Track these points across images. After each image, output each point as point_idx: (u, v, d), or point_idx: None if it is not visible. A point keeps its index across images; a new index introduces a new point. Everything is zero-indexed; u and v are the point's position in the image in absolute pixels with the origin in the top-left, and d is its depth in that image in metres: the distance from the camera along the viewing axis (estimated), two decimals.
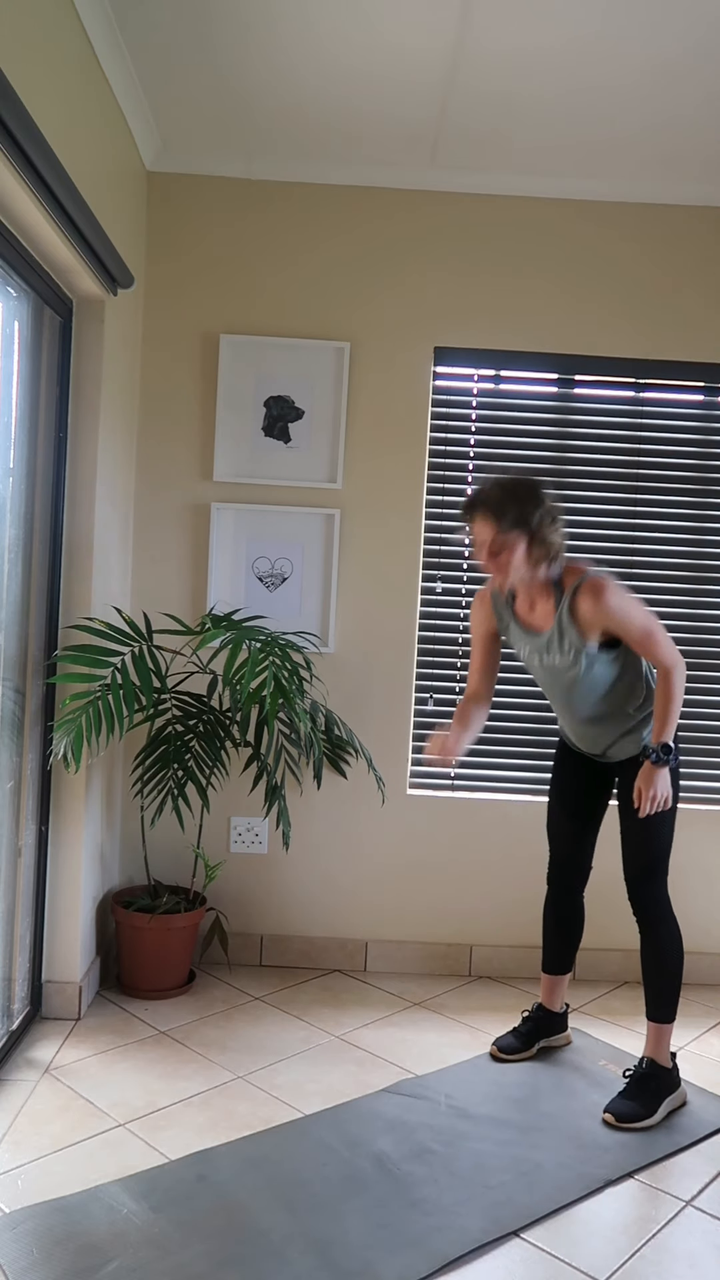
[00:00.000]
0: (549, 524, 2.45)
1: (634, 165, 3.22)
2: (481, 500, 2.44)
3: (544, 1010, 2.93)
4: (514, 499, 2.42)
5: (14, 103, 1.91)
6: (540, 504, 2.44)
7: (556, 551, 2.49)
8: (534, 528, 2.42)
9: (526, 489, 2.45)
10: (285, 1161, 2.32)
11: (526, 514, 2.41)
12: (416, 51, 2.64)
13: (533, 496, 2.44)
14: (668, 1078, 2.61)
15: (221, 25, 2.58)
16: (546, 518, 2.44)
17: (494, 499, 2.42)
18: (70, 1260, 1.96)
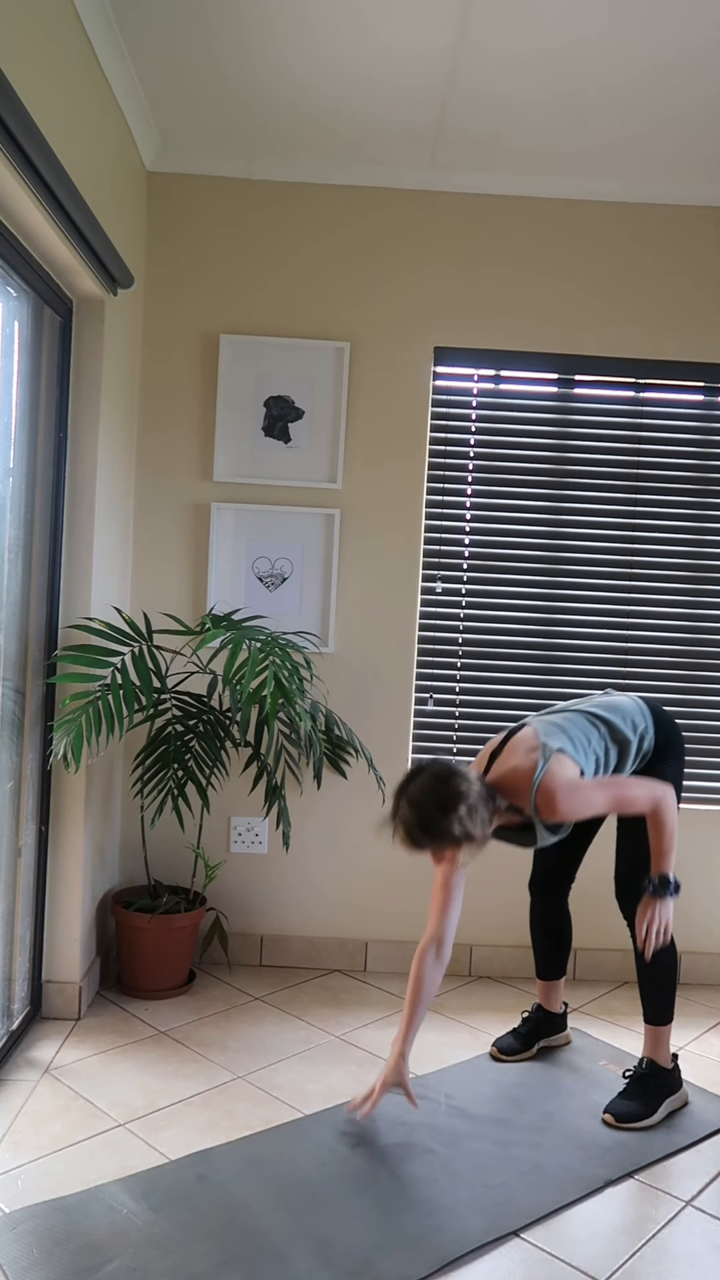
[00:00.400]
0: (473, 820, 2.27)
1: (634, 165, 3.22)
2: (399, 833, 2.28)
3: (543, 1011, 2.93)
4: (425, 826, 2.24)
5: (14, 103, 1.91)
6: (452, 812, 2.24)
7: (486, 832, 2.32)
8: (459, 838, 2.26)
9: (436, 804, 2.25)
10: (285, 1161, 2.32)
11: (444, 833, 2.25)
12: (416, 51, 2.64)
13: (445, 811, 2.24)
14: (668, 1078, 2.61)
15: (222, 26, 2.58)
16: (465, 819, 2.25)
17: (408, 832, 2.26)
18: (70, 1260, 1.96)
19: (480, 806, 2.30)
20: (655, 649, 3.51)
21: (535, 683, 3.51)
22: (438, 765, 2.33)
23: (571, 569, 3.49)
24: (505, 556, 3.48)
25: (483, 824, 2.31)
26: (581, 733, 2.52)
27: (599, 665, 3.51)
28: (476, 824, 2.29)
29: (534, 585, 3.49)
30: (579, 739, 2.51)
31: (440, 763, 2.34)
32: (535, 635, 3.50)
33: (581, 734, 2.52)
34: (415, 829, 2.26)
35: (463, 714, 3.51)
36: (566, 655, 3.51)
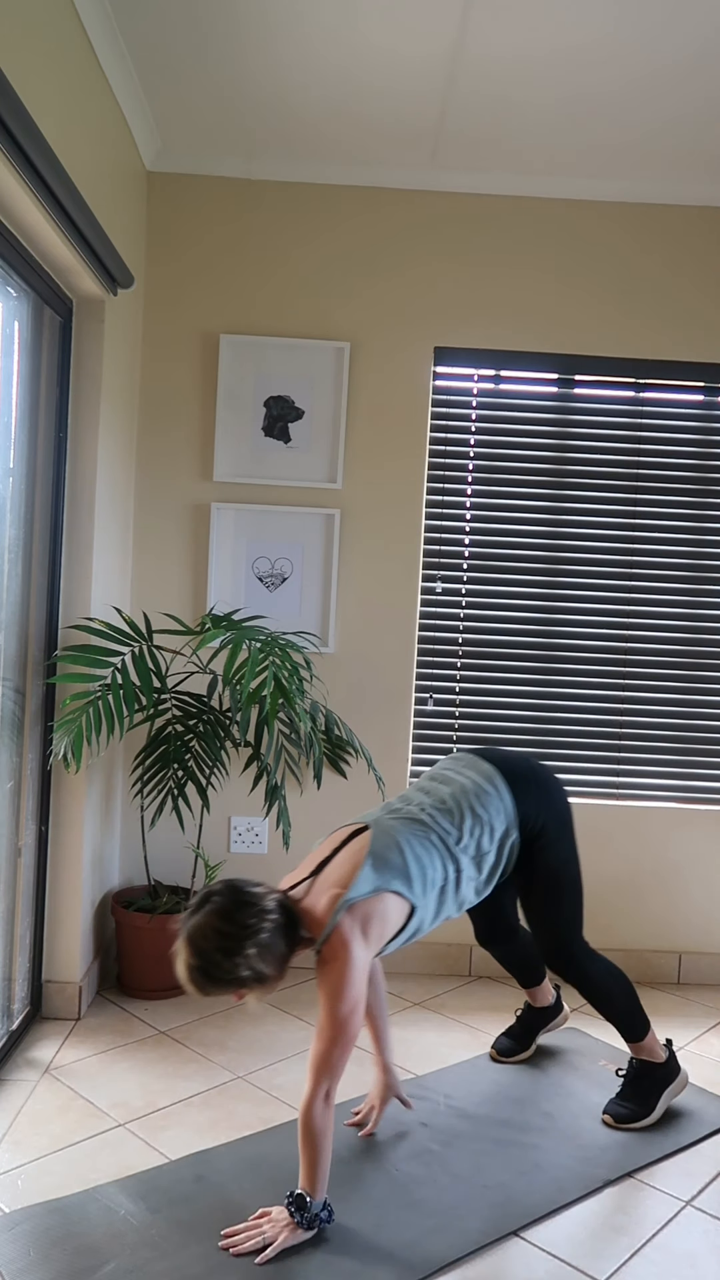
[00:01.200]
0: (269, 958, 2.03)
1: (634, 166, 3.22)
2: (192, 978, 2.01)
3: (532, 1009, 2.91)
4: (208, 973, 2.00)
5: (14, 103, 1.91)
6: (236, 954, 1.99)
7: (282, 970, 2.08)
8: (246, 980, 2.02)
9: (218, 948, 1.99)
10: (284, 1162, 2.32)
11: (227, 977, 2.01)
12: (416, 51, 2.64)
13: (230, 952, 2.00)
14: (661, 1071, 2.58)
15: (222, 26, 2.58)
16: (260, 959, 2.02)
17: (191, 979, 2.01)
18: (68, 1261, 1.95)
19: (276, 941, 2.04)
20: (655, 649, 3.51)
21: (535, 683, 3.51)
22: (225, 896, 2.05)
23: (571, 569, 3.49)
24: (505, 556, 3.48)
25: (278, 961, 2.06)
26: (419, 862, 2.20)
27: (599, 665, 3.51)
28: (269, 963, 2.03)
29: (534, 585, 3.49)
30: (414, 866, 2.19)
31: (229, 892, 2.06)
32: (535, 635, 3.50)
33: (419, 863, 2.20)
34: (195, 974, 2.00)
35: (463, 714, 3.51)
36: (566, 655, 3.50)
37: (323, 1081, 2.02)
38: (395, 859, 2.17)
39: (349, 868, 2.15)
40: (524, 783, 2.42)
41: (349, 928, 2.08)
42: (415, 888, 2.19)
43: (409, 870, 2.18)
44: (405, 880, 2.17)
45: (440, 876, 2.25)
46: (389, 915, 2.15)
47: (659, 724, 3.52)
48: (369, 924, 2.11)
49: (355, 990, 2.05)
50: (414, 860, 2.20)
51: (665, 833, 3.49)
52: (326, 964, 2.07)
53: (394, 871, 2.16)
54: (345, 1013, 2.03)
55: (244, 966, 2.00)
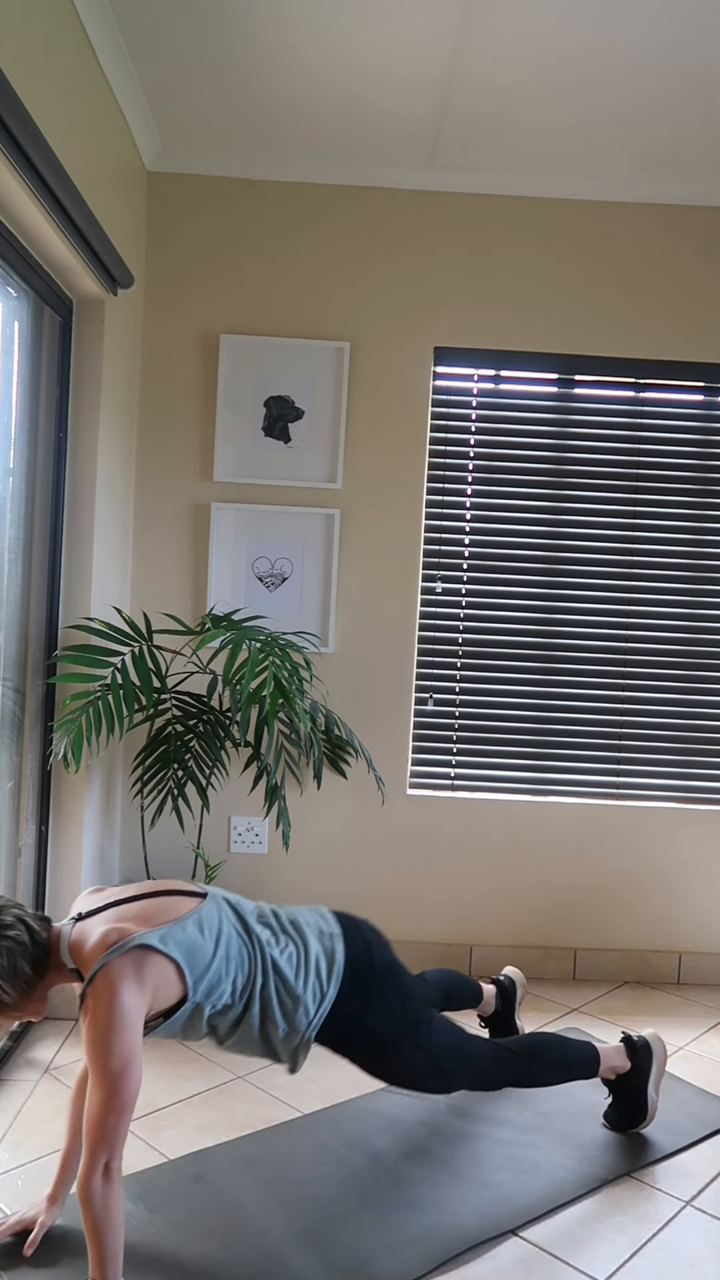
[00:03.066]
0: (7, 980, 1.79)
1: (635, 165, 3.22)
2: None
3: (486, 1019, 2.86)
4: None
5: (14, 103, 1.91)
6: None
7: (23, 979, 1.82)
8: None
9: None
10: (283, 1161, 2.32)
11: None
12: (416, 51, 2.64)
13: None
14: (635, 1075, 2.47)
15: (222, 25, 2.58)
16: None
17: None
18: (67, 1261, 1.95)
19: (17, 961, 1.80)
20: (655, 649, 3.51)
21: (535, 683, 3.51)
22: None
23: (571, 569, 3.49)
24: (505, 556, 3.48)
25: (20, 983, 1.80)
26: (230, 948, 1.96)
27: (599, 665, 3.51)
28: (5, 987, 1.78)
29: (534, 585, 3.49)
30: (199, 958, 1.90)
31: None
32: (535, 635, 3.50)
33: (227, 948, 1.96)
34: None
35: (463, 714, 3.51)
36: (566, 655, 3.51)
37: (100, 1155, 1.72)
38: (205, 944, 1.92)
39: (159, 911, 1.90)
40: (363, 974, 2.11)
41: (121, 970, 1.78)
42: (198, 983, 1.90)
43: (211, 962, 1.92)
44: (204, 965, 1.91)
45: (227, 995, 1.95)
46: (165, 980, 1.85)
47: (659, 724, 3.52)
48: (145, 974, 1.81)
49: (125, 1042, 1.75)
50: (220, 950, 1.94)
51: (665, 833, 3.49)
52: (92, 1008, 1.77)
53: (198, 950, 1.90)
54: (115, 1070, 1.74)
55: None
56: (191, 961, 1.89)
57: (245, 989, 1.97)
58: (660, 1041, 2.50)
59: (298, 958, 2.04)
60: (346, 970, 2.08)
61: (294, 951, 2.05)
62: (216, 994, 1.93)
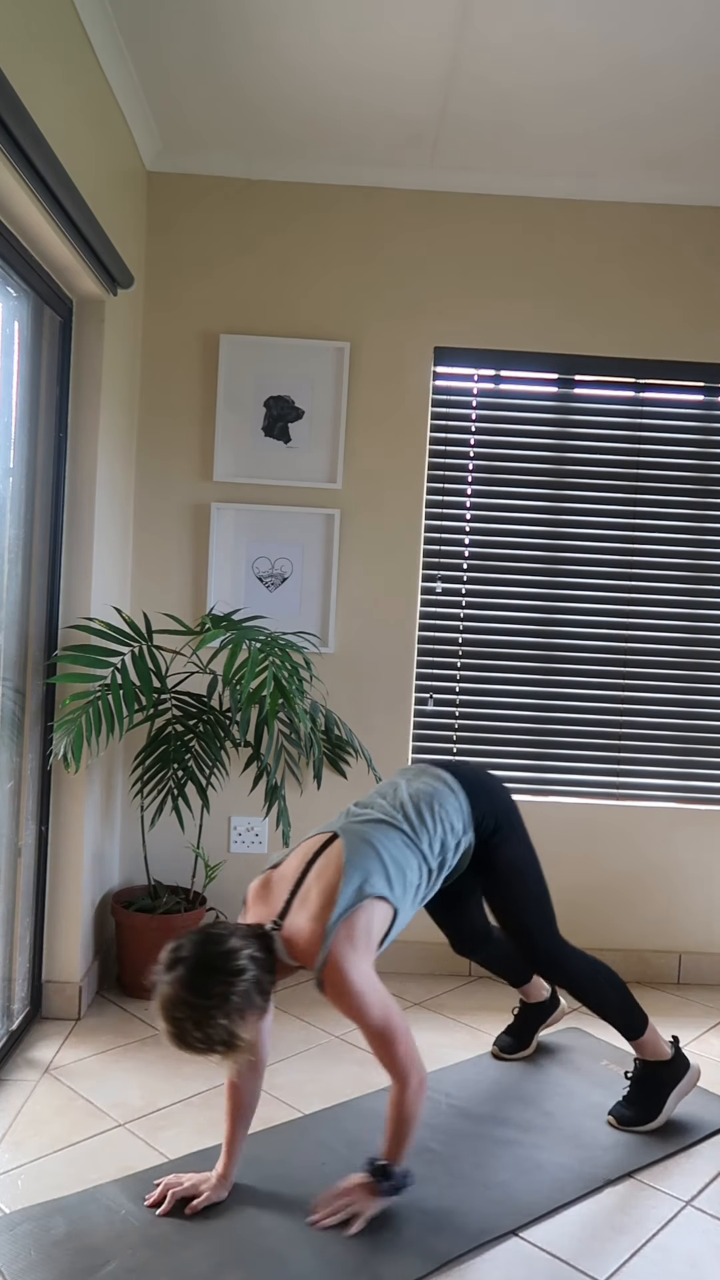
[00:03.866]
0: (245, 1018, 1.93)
1: (634, 165, 3.22)
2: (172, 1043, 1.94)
3: (527, 1005, 2.91)
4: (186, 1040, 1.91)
5: (14, 103, 1.91)
6: (212, 1024, 1.89)
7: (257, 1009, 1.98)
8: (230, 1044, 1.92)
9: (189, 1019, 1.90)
10: (284, 1161, 2.32)
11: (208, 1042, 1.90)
12: (416, 51, 2.64)
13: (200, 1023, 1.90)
14: (667, 1071, 2.56)
15: (222, 25, 2.58)
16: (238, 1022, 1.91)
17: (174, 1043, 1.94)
18: (69, 1261, 1.95)
19: (252, 997, 1.94)
20: (655, 649, 3.51)
21: (535, 683, 3.51)
22: (193, 961, 1.94)
23: (571, 569, 3.49)
24: (505, 556, 3.48)
25: (256, 1013, 1.96)
26: (398, 863, 2.18)
27: (599, 665, 3.51)
28: (244, 1024, 1.92)
29: (534, 585, 3.49)
30: (394, 874, 2.16)
31: (197, 956, 1.94)
32: (535, 635, 3.50)
33: (398, 865, 2.18)
34: (174, 1040, 1.92)
35: (463, 714, 3.51)
36: (566, 655, 3.50)
37: (411, 1076, 2.07)
38: (374, 864, 2.14)
39: (329, 882, 2.10)
40: (474, 785, 2.42)
41: (341, 952, 2.03)
42: (396, 890, 2.16)
43: (389, 873, 2.15)
44: (386, 883, 2.14)
45: (415, 876, 2.23)
46: (374, 922, 2.10)
47: (659, 724, 3.52)
48: (357, 938, 2.05)
49: (375, 1000, 2.04)
50: (392, 862, 2.17)
51: (665, 833, 3.49)
52: (333, 992, 2.03)
53: (374, 876, 2.12)
54: (382, 1023, 2.05)
55: (216, 1035, 1.89)
56: (383, 886, 2.13)
57: (419, 861, 2.25)
58: (699, 1069, 2.62)
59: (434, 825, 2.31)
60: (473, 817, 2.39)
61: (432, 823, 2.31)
62: (410, 885, 2.20)
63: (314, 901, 2.10)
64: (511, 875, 2.44)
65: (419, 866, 2.24)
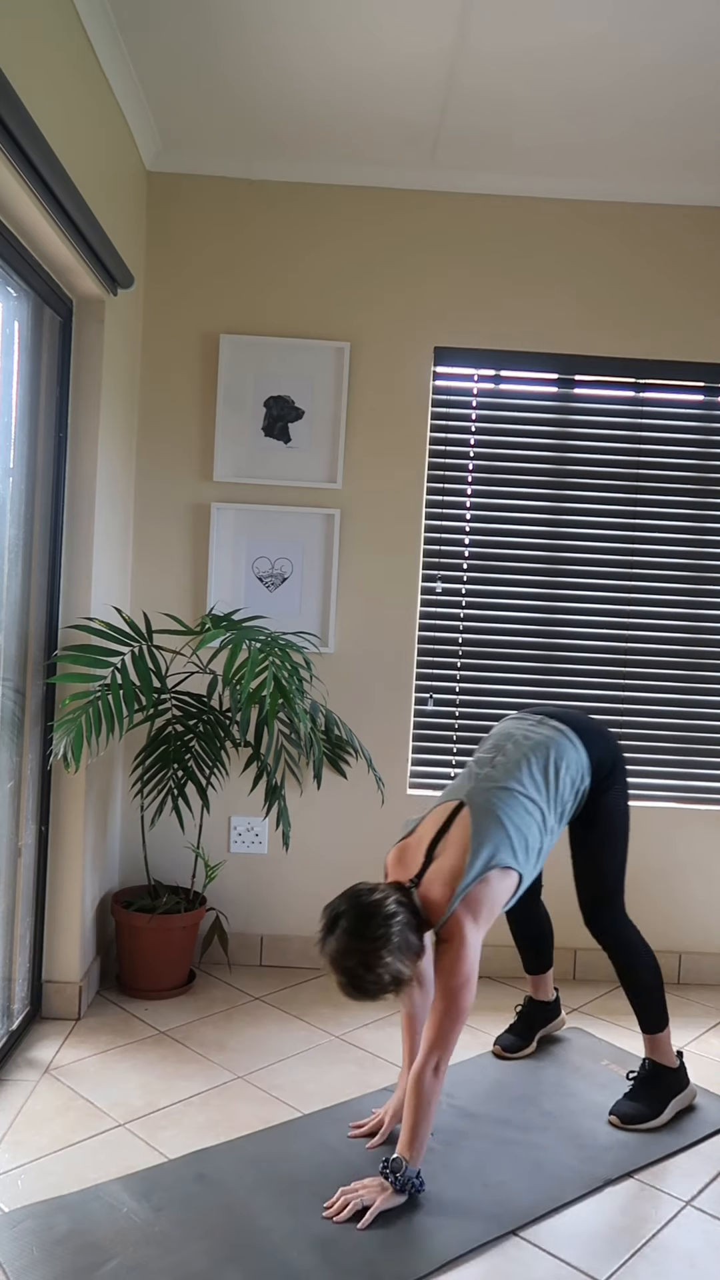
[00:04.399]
0: (406, 958, 2.13)
1: (634, 165, 3.22)
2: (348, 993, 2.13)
3: (534, 1003, 2.92)
4: (358, 985, 2.11)
5: (14, 103, 1.91)
6: (378, 964, 2.09)
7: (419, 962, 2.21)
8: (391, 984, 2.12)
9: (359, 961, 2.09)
10: (286, 1160, 2.32)
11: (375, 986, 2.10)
12: (416, 50, 2.64)
13: (370, 966, 2.09)
14: (673, 1078, 2.59)
15: (222, 25, 2.58)
16: (401, 960, 2.11)
17: (346, 990, 2.13)
18: (70, 1259, 1.96)
19: (408, 937, 2.14)
20: (655, 649, 3.51)
21: (535, 683, 3.51)
22: (353, 912, 2.13)
23: (571, 569, 3.49)
24: (505, 556, 3.48)
25: (414, 954, 2.16)
26: (520, 829, 2.32)
27: (599, 665, 3.51)
28: (407, 961, 2.13)
29: (534, 585, 3.49)
30: (516, 842, 2.30)
31: (355, 907, 2.14)
32: (535, 635, 3.50)
33: (520, 831, 2.31)
34: (347, 990, 2.12)
35: (463, 714, 3.51)
36: (566, 655, 3.51)
37: (434, 1053, 2.16)
38: (500, 836, 2.28)
39: (458, 851, 2.26)
40: (590, 734, 2.54)
41: (463, 918, 2.20)
42: (519, 857, 2.30)
43: (513, 843, 2.29)
44: (511, 853, 2.28)
45: (538, 841, 2.36)
46: (498, 892, 2.26)
47: (659, 724, 3.52)
48: (480, 907, 2.22)
49: (469, 971, 2.18)
50: (515, 831, 2.30)
51: (665, 833, 3.49)
52: (443, 947, 2.20)
53: (501, 849, 2.27)
54: (457, 989, 2.17)
55: (386, 974, 2.10)
56: (508, 857, 2.27)
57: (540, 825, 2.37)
58: (697, 1091, 2.68)
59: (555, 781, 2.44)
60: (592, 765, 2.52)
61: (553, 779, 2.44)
62: (532, 849, 2.33)
63: (445, 869, 2.25)
64: (610, 821, 2.55)
65: (539, 830, 2.36)
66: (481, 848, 2.25)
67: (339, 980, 2.13)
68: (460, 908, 2.21)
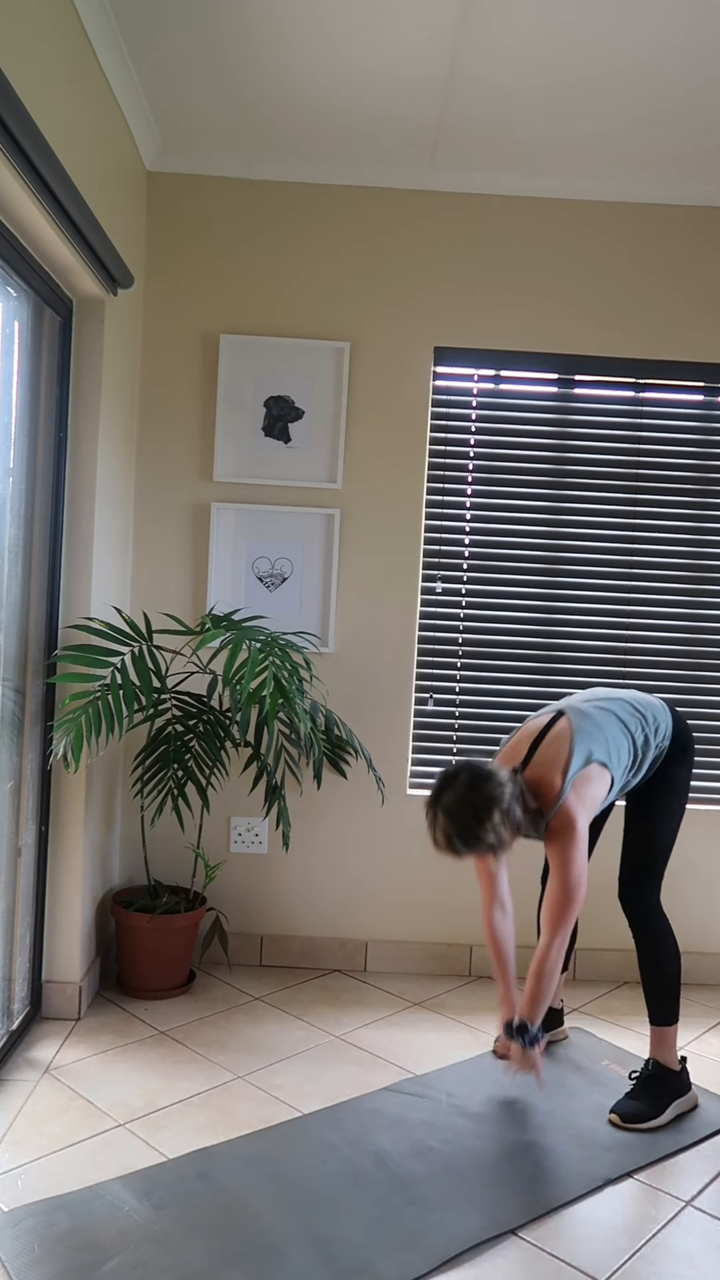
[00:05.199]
0: (506, 825, 2.35)
1: (634, 165, 3.22)
2: (439, 842, 2.37)
3: None
4: (464, 836, 2.33)
5: (14, 103, 1.91)
6: (488, 820, 2.32)
7: (518, 833, 2.42)
8: (495, 845, 2.35)
9: (473, 814, 2.33)
10: (286, 1159, 2.32)
11: (482, 840, 2.33)
12: (416, 51, 2.64)
13: (480, 819, 2.32)
14: (675, 1080, 2.60)
15: (222, 25, 2.58)
16: (501, 825, 2.34)
17: (449, 840, 2.35)
18: (71, 1257, 1.96)
19: (514, 807, 2.37)
20: (655, 649, 3.51)
21: (535, 683, 3.51)
22: (470, 771, 2.37)
23: (571, 569, 3.49)
24: (505, 556, 3.48)
25: (515, 826, 2.38)
26: (614, 741, 2.52)
27: (599, 665, 3.51)
28: (509, 829, 2.36)
29: (534, 585, 3.49)
30: (612, 748, 2.50)
31: (473, 769, 2.38)
32: (535, 635, 3.50)
33: (614, 742, 2.51)
34: (454, 839, 2.34)
35: (463, 714, 3.51)
36: (566, 655, 3.51)
37: (557, 935, 2.42)
38: (598, 738, 2.48)
39: (562, 745, 2.46)
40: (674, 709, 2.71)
41: (573, 805, 2.42)
42: (613, 763, 2.49)
43: (609, 748, 2.49)
44: (607, 755, 2.47)
45: (626, 759, 2.53)
46: (597, 787, 2.46)
47: None
48: (586, 794, 2.43)
49: (582, 857, 2.41)
50: (610, 741, 2.50)
51: None
52: (556, 835, 2.42)
53: (598, 748, 2.47)
54: (574, 879, 2.40)
55: (491, 833, 2.32)
56: (604, 756, 2.47)
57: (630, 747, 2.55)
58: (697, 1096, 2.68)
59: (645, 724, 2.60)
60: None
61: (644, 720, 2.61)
62: (620, 763, 2.52)
63: (549, 757, 2.46)
64: (672, 795, 2.65)
65: (629, 751, 2.54)
66: (583, 744, 2.45)
67: (446, 829, 2.33)
68: (570, 796, 2.41)
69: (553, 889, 2.43)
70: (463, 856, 2.37)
